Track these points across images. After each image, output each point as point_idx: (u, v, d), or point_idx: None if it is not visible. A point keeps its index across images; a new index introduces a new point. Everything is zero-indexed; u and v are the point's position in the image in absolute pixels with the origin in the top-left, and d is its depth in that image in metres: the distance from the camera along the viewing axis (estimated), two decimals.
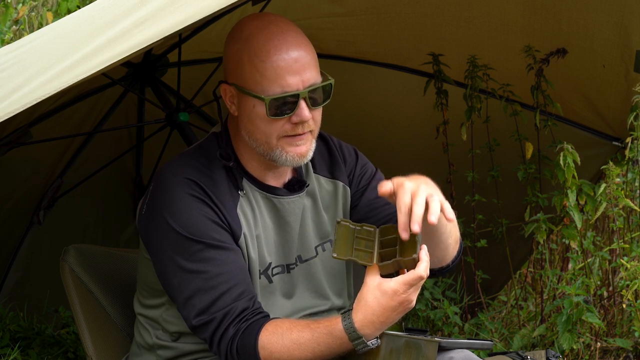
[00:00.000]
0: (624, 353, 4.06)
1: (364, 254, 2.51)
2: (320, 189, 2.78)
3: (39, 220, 3.95)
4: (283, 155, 2.59)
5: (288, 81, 2.53)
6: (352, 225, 2.56)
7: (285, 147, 2.59)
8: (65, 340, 4.05)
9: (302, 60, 2.54)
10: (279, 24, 2.57)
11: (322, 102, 2.60)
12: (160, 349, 2.73)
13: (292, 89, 2.53)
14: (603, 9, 3.62)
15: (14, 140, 3.42)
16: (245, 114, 2.59)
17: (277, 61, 2.52)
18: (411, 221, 2.43)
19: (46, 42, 2.36)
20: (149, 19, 2.20)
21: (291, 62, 2.53)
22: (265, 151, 2.61)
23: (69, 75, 2.18)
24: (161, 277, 2.62)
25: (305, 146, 2.61)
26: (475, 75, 4.03)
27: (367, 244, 2.53)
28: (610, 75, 3.85)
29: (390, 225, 2.54)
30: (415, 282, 2.44)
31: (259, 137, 2.59)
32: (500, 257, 4.36)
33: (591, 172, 4.20)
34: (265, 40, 2.54)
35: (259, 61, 2.53)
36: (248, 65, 2.54)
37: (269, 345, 2.51)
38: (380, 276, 2.47)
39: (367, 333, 2.47)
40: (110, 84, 3.74)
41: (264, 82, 2.53)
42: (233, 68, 2.59)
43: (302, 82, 2.54)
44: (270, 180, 2.70)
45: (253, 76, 2.54)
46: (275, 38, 2.54)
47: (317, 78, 2.57)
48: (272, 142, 2.58)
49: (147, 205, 2.64)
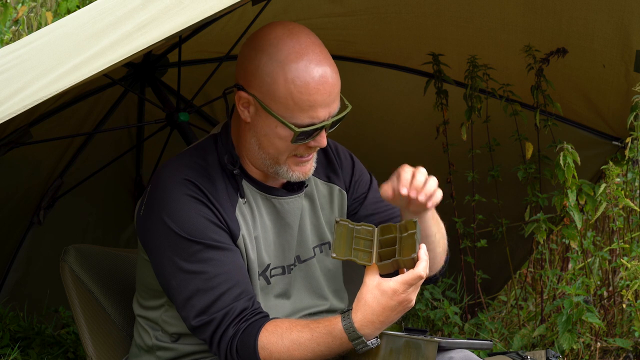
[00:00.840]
0: (624, 353, 4.06)
1: (363, 253, 2.51)
2: (317, 190, 2.78)
3: (39, 220, 3.95)
4: (289, 173, 2.61)
5: (319, 114, 2.53)
6: (350, 225, 2.56)
7: (292, 166, 2.60)
8: (65, 340, 4.05)
9: (334, 92, 2.54)
10: (315, 50, 2.53)
11: (335, 127, 2.62)
12: (159, 350, 2.73)
13: (321, 120, 2.54)
14: (603, 8, 3.62)
15: (14, 140, 3.41)
16: (262, 128, 2.57)
17: (316, 95, 2.51)
18: (411, 187, 2.50)
19: (47, 44, 2.36)
20: (152, 22, 2.20)
21: (326, 95, 2.52)
22: (270, 164, 2.61)
23: (70, 78, 2.18)
24: (160, 278, 2.62)
25: (310, 164, 2.64)
26: (475, 75, 4.03)
27: (366, 243, 2.53)
28: (610, 75, 3.85)
29: (389, 225, 2.54)
30: (414, 281, 2.44)
31: (270, 152, 2.59)
32: (500, 257, 4.36)
33: (591, 172, 4.20)
34: (305, 69, 2.50)
35: (297, 92, 2.50)
36: (283, 89, 2.50)
37: (269, 345, 2.51)
38: (379, 276, 2.47)
39: (367, 333, 2.47)
40: (111, 84, 3.74)
41: (296, 111, 2.51)
42: (260, 82, 2.53)
43: (329, 113, 2.55)
44: (269, 181, 2.70)
45: (286, 102, 2.51)
46: (315, 69, 2.50)
47: (338, 107, 2.59)
48: (281, 159, 2.59)
49: (145, 206, 2.64)
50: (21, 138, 3.42)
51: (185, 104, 3.75)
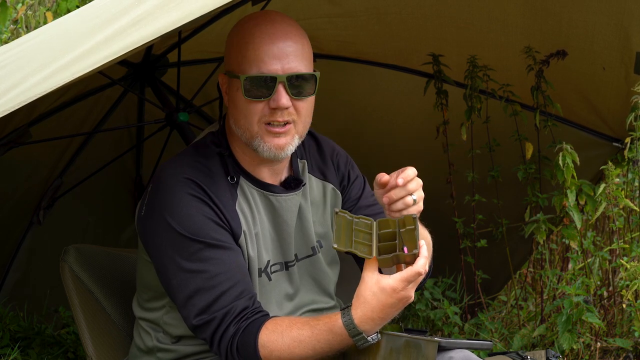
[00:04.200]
0: (624, 353, 4.06)
1: (363, 246, 2.50)
2: (311, 188, 2.79)
3: (39, 220, 3.95)
4: (261, 145, 2.60)
5: (267, 64, 2.55)
6: (349, 217, 2.55)
7: (264, 137, 2.59)
8: (65, 340, 4.05)
9: (287, 48, 2.57)
10: (273, 16, 2.61)
11: (306, 94, 2.60)
12: (160, 351, 2.73)
13: (270, 71, 2.55)
14: (603, 10, 3.62)
15: (14, 140, 3.41)
16: (232, 100, 2.62)
17: (260, 44, 2.56)
18: (398, 175, 2.50)
19: (43, 41, 2.36)
20: (146, 17, 2.20)
21: (274, 47, 2.56)
22: (248, 140, 2.62)
23: (65, 74, 2.17)
24: (161, 277, 2.62)
25: (285, 139, 2.61)
26: (475, 75, 4.03)
27: (365, 236, 2.52)
28: (610, 77, 3.85)
29: (387, 219, 2.53)
30: (413, 278, 2.44)
31: (242, 124, 2.60)
32: (500, 257, 4.36)
33: (591, 173, 4.20)
34: (254, 25, 2.58)
35: (244, 43, 2.57)
36: (235, 48, 2.59)
37: (269, 343, 2.51)
38: (378, 270, 2.47)
39: (367, 329, 2.47)
40: (110, 84, 3.74)
41: (244, 62, 2.56)
42: (228, 55, 2.63)
43: (282, 68, 2.56)
44: (267, 178, 2.70)
45: (236, 57, 2.58)
46: (264, 25, 2.58)
47: (301, 69, 2.58)
48: (253, 128, 2.59)
49: (146, 206, 2.64)
50: (21, 138, 3.43)
51: (185, 104, 3.75)
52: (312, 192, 2.79)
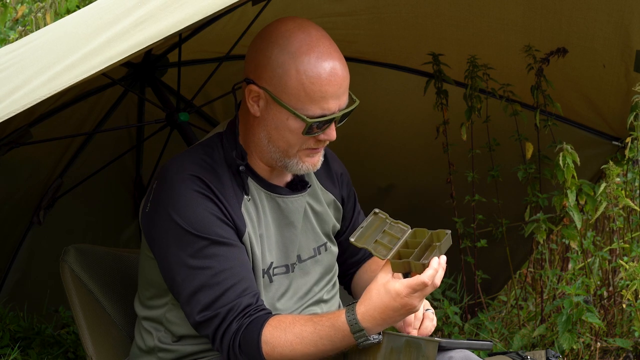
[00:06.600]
0: (624, 353, 4.06)
1: (383, 247, 2.52)
2: (317, 193, 2.80)
3: (39, 220, 3.94)
4: (299, 165, 2.64)
5: (330, 105, 2.57)
6: (387, 220, 2.57)
7: (303, 158, 2.63)
8: (65, 340, 4.05)
9: (344, 84, 2.60)
10: (325, 43, 2.58)
11: (343, 121, 2.66)
12: (161, 351, 2.73)
13: (332, 112, 2.58)
14: (603, 8, 3.62)
15: (14, 140, 3.41)
16: (272, 121, 2.60)
17: (327, 86, 2.55)
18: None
19: (46, 43, 2.36)
20: (149, 19, 2.20)
21: (337, 87, 2.57)
22: (280, 158, 2.63)
23: (68, 75, 2.18)
24: (165, 273, 2.62)
25: (319, 156, 2.67)
26: (475, 75, 4.03)
27: (392, 240, 2.54)
28: (610, 75, 3.85)
29: (424, 230, 2.55)
30: (418, 287, 2.44)
31: (280, 145, 2.62)
32: (500, 257, 4.36)
33: (591, 172, 4.20)
34: (316, 61, 2.55)
35: (309, 83, 2.54)
36: (295, 81, 2.55)
37: (272, 339, 2.51)
38: (391, 275, 2.47)
39: (368, 327, 2.48)
40: (110, 84, 3.74)
41: (308, 102, 2.56)
42: (271, 74, 2.57)
43: (339, 105, 2.60)
44: (273, 180, 2.71)
45: (298, 93, 2.55)
46: (326, 62, 2.56)
47: (347, 98, 2.63)
48: (292, 152, 2.62)
49: (151, 202, 2.64)
50: (21, 138, 3.42)
51: (185, 104, 3.75)
52: (317, 195, 2.80)
